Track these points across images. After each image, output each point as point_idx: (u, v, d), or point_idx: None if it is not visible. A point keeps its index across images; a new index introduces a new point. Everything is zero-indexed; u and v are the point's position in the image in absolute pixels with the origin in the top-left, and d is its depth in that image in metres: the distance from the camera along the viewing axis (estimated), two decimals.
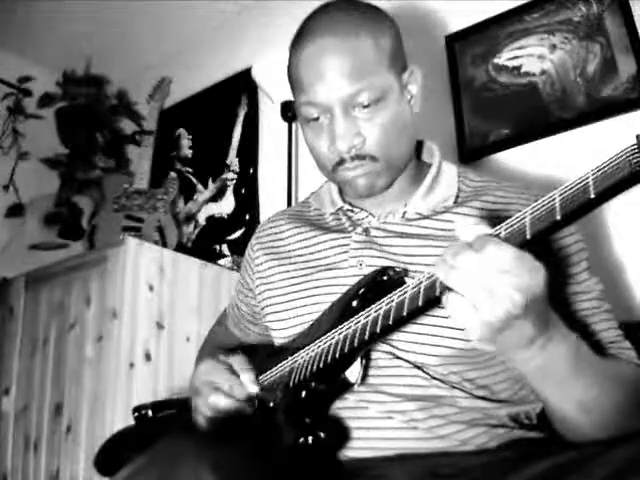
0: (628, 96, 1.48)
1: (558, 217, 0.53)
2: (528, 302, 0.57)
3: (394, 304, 0.69)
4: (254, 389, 0.82)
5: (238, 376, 0.84)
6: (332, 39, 0.83)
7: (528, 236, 0.56)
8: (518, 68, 1.68)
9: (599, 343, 0.81)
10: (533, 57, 1.66)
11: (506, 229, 0.59)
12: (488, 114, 1.70)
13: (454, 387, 0.79)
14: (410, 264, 0.84)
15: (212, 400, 0.81)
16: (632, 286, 1.36)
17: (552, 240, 0.83)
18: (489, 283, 0.56)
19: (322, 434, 0.74)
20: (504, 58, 1.72)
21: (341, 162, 0.86)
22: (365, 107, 0.83)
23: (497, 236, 0.58)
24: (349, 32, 0.83)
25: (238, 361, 0.86)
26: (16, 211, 2.30)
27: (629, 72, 1.49)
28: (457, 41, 1.81)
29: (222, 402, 0.80)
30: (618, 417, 0.72)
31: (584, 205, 0.52)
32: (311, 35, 0.85)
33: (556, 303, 0.66)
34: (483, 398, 0.80)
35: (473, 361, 0.80)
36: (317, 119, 0.86)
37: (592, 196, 0.51)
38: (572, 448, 0.64)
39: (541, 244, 0.57)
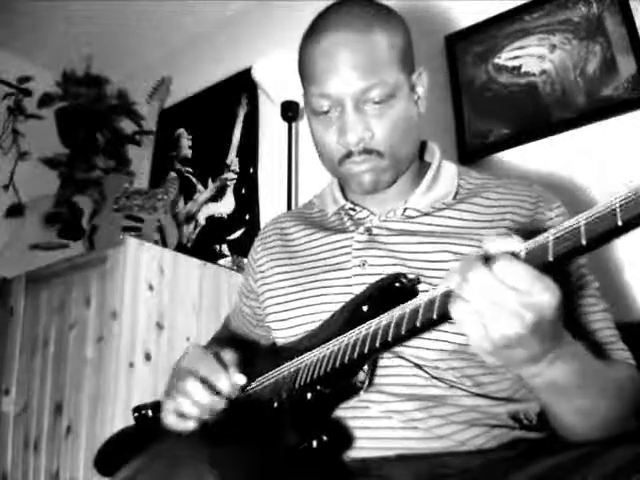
0: (628, 96, 1.48)
1: (583, 242, 0.52)
2: (538, 322, 0.56)
3: (407, 313, 0.67)
4: (236, 385, 0.80)
5: (225, 368, 0.82)
6: (349, 34, 0.83)
7: (550, 258, 0.54)
8: (518, 68, 1.68)
9: (595, 343, 0.80)
10: (533, 57, 1.66)
11: (527, 250, 0.57)
12: (488, 114, 1.70)
13: (453, 386, 0.79)
14: (412, 261, 0.85)
15: (190, 387, 0.78)
16: (632, 286, 1.36)
17: None
18: (501, 300, 0.55)
19: (325, 437, 0.74)
20: (504, 58, 1.72)
21: (348, 155, 0.86)
22: (376, 103, 0.84)
23: (517, 256, 0.57)
24: (365, 28, 0.84)
25: (228, 355, 0.84)
26: (16, 211, 2.29)
27: (629, 72, 1.49)
28: (457, 41, 1.81)
29: (199, 393, 0.78)
30: (616, 420, 0.73)
31: (610, 232, 0.51)
32: (327, 28, 0.85)
33: None
34: (483, 396, 0.80)
35: (473, 358, 0.80)
36: (327, 112, 0.87)
37: (620, 224, 0.50)
38: (572, 448, 0.64)
39: (562, 267, 0.56)
